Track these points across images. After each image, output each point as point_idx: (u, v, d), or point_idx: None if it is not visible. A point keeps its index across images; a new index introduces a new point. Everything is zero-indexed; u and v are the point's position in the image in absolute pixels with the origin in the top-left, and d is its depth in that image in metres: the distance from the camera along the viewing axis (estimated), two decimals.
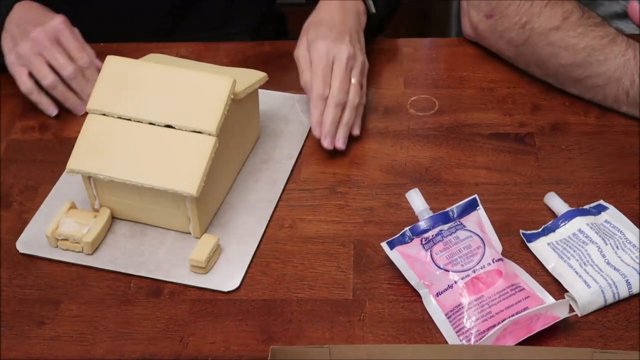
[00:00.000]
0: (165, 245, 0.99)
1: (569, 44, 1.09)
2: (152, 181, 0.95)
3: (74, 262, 0.98)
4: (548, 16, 1.10)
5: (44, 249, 0.99)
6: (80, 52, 1.13)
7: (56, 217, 0.99)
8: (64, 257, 0.98)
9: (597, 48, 1.08)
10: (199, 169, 0.95)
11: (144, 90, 0.98)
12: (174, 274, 0.96)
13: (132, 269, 0.97)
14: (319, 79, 1.07)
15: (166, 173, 0.95)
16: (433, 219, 0.96)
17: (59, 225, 0.98)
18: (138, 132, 0.97)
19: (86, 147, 0.98)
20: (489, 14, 1.14)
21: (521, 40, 1.13)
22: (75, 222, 0.98)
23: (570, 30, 1.09)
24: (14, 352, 0.90)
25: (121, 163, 0.96)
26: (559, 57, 1.10)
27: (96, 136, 0.98)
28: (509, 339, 0.86)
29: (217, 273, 0.96)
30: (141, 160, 0.96)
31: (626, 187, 1.03)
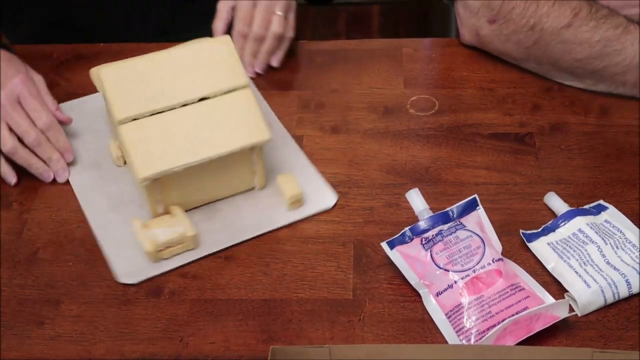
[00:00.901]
0: (243, 208, 1.03)
1: (583, 38, 1.10)
2: (226, 148, 0.97)
3: (185, 263, 0.97)
4: (557, 15, 1.10)
5: (150, 268, 0.97)
6: (39, 112, 1.05)
7: (141, 236, 0.97)
8: (173, 264, 0.97)
9: (613, 38, 1.09)
10: (258, 117, 0.99)
11: (157, 80, 0.99)
12: (278, 219, 1.01)
13: (242, 235, 0.99)
14: (239, 17, 1.15)
15: (233, 135, 0.98)
16: (433, 219, 0.96)
17: (152, 240, 0.96)
18: (178, 117, 0.98)
19: (141, 153, 0.97)
20: (491, 19, 1.14)
21: (530, 41, 1.13)
22: (164, 229, 0.97)
23: (582, 26, 1.10)
24: (14, 352, 0.90)
25: (185, 149, 0.97)
26: (573, 52, 1.11)
27: (143, 141, 0.97)
28: (509, 339, 0.86)
29: (311, 200, 1.02)
30: (200, 138, 0.97)
31: (626, 187, 1.03)
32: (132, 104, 0.98)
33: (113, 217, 1.02)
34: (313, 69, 1.21)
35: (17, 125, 1.04)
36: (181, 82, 0.99)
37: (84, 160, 1.09)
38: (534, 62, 1.16)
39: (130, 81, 0.99)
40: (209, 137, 0.98)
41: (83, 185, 1.06)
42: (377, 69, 1.21)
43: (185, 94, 0.99)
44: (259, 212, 1.02)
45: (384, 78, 1.20)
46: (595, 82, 1.14)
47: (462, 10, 1.18)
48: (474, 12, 1.16)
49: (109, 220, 1.02)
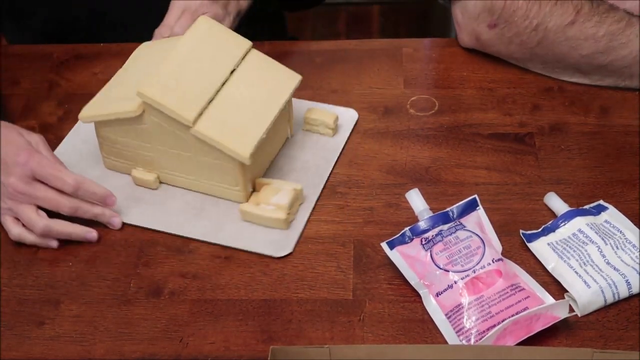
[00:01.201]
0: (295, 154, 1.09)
1: (588, 34, 1.10)
2: (281, 100, 1.02)
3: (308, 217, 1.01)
4: (560, 13, 1.11)
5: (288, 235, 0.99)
6: (60, 179, 0.98)
7: (265, 213, 0.99)
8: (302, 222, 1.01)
9: (617, 32, 1.10)
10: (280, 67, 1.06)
11: (189, 76, 1.00)
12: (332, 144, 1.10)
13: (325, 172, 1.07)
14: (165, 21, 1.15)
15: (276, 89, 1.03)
16: (433, 219, 0.96)
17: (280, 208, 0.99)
18: (227, 95, 1.01)
19: (229, 138, 0.97)
20: (492, 24, 1.14)
21: (534, 42, 1.13)
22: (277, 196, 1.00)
23: (586, 22, 1.10)
24: (14, 352, 0.90)
25: (254, 117, 1.00)
26: (579, 49, 1.11)
27: (220, 128, 0.98)
28: (509, 339, 0.86)
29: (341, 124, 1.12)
30: (256, 103, 1.01)
31: (626, 187, 1.03)
32: (190, 103, 0.98)
33: (205, 222, 1.01)
34: (313, 69, 1.21)
35: (46, 201, 0.99)
36: (208, 67, 1.01)
37: (123, 203, 1.03)
38: (539, 62, 1.16)
39: (172, 87, 0.98)
40: (262, 98, 1.02)
41: (149, 220, 1.02)
42: (377, 69, 1.21)
43: (219, 75, 1.01)
44: (312, 151, 1.09)
45: (384, 78, 1.20)
46: (601, 76, 1.14)
47: (460, 15, 1.18)
48: (474, 17, 1.16)
49: (206, 226, 1.01)
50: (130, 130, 1.02)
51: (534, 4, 1.11)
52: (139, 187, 1.06)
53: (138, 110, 0.99)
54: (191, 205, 1.03)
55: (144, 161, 1.04)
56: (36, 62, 1.24)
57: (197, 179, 1.03)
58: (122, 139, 1.03)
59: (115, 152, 1.05)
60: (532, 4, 1.11)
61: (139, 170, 1.05)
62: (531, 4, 1.11)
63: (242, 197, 1.02)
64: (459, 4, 1.17)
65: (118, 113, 1.00)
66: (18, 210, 0.99)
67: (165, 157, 1.03)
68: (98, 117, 1.02)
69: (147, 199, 1.05)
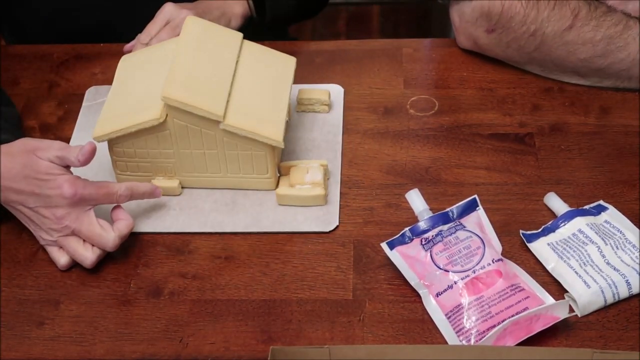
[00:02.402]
0: (304, 134, 1.11)
1: (586, 38, 1.10)
2: (289, 80, 1.05)
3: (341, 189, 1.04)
4: (558, 18, 1.10)
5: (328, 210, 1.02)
6: (115, 196, 0.97)
7: (303, 193, 1.01)
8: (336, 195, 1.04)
9: (615, 35, 1.10)
10: (274, 52, 1.09)
11: (202, 72, 1.00)
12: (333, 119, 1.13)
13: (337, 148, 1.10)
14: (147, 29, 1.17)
15: (282, 73, 1.06)
16: (433, 219, 0.96)
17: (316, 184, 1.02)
18: (240, 84, 1.02)
19: (260, 126, 0.99)
20: (490, 29, 1.14)
21: (532, 47, 1.13)
22: (309, 174, 1.02)
23: (584, 26, 1.10)
24: (14, 353, 0.90)
25: (272, 102, 1.02)
26: (577, 53, 1.11)
27: (247, 117, 0.99)
28: (509, 340, 0.86)
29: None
30: (270, 87, 1.03)
31: (626, 187, 1.03)
32: (214, 99, 0.98)
33: (242, 216, 1.02)
34: (313, 69, 1.21)
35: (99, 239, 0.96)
36: (215, 63, 1.02)
37: (151, 214, 1.03)
38: (537, 65, 1.16)
39: (192, 87, 0.98)
40: (271, 84, 1.04)
41: (187, 225, 1.02)
42: (377, 69, 1.21)
43: (227, 68, 1.02)
44: (315, 129, 1.11)
45: (384, 78, 1.20)
46: (600, 79, 1.14)
47: (457, 19, 1.18)
48: (471, 22, 1.16)
49: (246, 219, 1.02)
50: (150, 140, 1.01)
51: (532, 9, 1.11)
52: (162, 197, 1.04)
53: (162, 117, 0.98)
54: (221, 202, 1.04)
55: (165, 169, 1.04)
56: (36, 62, 1.24)
57: (225, 175, 1.03)
58: (140, 151, 1.02)
59: (132, 167, 1.04)
60: (530, 9, 1.11)
61: (160, 179, 1.04)
62: (529, 10, 1.11)
63: (272, 183, 1.04)
64: (456, 8, 1.17)
65: (139, 124, 0.98)
66: (64, 243, 0.96)
67: (188, 160, 1.02)
68: (116, 133, 0.99)
69: (174, 206, 1.04)
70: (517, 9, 1.11)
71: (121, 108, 1.01)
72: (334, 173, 1.06)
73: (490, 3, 1.12)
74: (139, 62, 1.08)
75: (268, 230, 1.00)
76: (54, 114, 1.16)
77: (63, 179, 0.94)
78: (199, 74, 1.00)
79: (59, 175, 0.94)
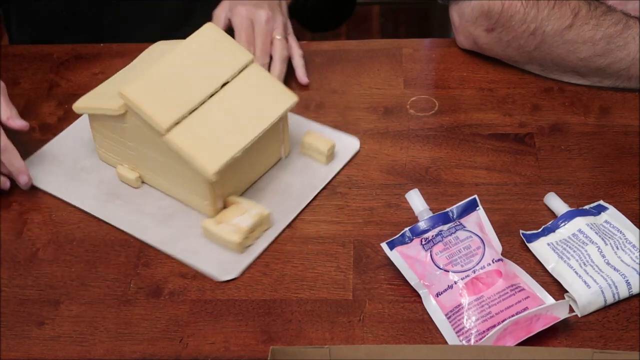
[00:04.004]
0: (283, 176, 1.06)
1: (586, 37, 1.10)
2: (267, 121, 1.00)
3: (270, 243, 0.99)
4: (558, 17, 1.10)
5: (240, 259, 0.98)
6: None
7: (221, 232, 0.97)
8: (260, 247, 0.98)
9: (615, 35, 1.10)
10: (278, 85, 1.03)
11: (177, 82, 0.99)
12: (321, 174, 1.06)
13: (304, 200, 1.03)
14: (242, 40, 1.14)
15: (267, 108, 1.00)
16: (433, 219, 0.96)
17: (237, 229, 0.97)
18: (212, 108, 0.99)
19: (200, 152, 0.96)
20: (489, 28, 1.14)
21: (532, 46, 1.13)
22: (241, 217, 0.98)
23: (583, 25, 1.10)
24: (14, 353, 0.90)
25: (234, 135, 0.98)
26: (577, 52, 1.11)
27: (194, 140, 0.97)
28: (508, 340, 0.86)
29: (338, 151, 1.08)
30: (241, 120, 0.99)
31: (626, 187, 1.03)
32: (169, 110, 0.97)
33: (168, 230, 1.01)
34: (313, 69, 1.21)
35: None
36: (199, 76, 1.00)
37: (102, 197, 1.05)
38: (537, 65, 1.16)
39: (155, 92, 0.98)
40: (249, 116, 1.00)
41: (118, 218, 1.03)
42: (377, 69, 1.21)
43: (208, 85, 1.00)
44: (300, 176, 1.06)
45: (384, 78, 1.20)
46: (600, 79, 1.14)
47: (457, 18, 1.18)
48: (471, 21, 1.16)
49: (167, 234, 1.00)
50: (116, 128, 1.02)
51: (532, 8, 1.11)
52: (123, 184, 1.06)
53: (121, 109, 0.99)
54: (163, 210, 1.03)
55: (129, 159, 1.05)
56: (36, 62, 1.24)
57: (172, 186, 1.03)
58: (110, 134, 1.04)
59: (105, 146, 1.06)
60: (530, 8, 1.11)
61: (124, 167, 1.06)
62: (529, 9, 1.11)
63: (211, 211, 1.00)
64: (455, 8, 1.17)
65: (103, 109, 1.01)
66: None
67: (145, 158, 1.03)
68: (88, 109, 1.04)
69: (125, 197, 1.05)
70: (517, 8, 1.11)
71: (111, 90, 1.03)
72: (277, 226, 1.00)
73: (490, 2, 1.12)
74: (160, 52, 1.09)
75: (175, 255, 0.98)
76: (54, 114, 1.16)
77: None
78: (172, 81, 0.99)
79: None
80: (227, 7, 1.18)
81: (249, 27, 1.15)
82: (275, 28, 1.16)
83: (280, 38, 1.16)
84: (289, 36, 1.18)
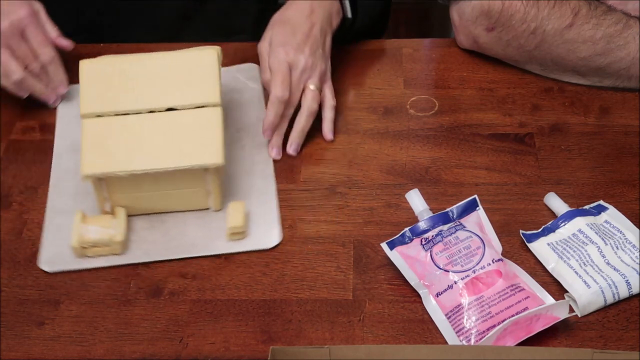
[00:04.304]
0: (189, 225, 1.01)
1: (586, 37, 1.10)
2: (173, 163, 0.96)
3: (108, 266, 0.97)
4: (558, 16, 1.10)
5: (72, 261, 0.98)
6: (44, 47, 1.11)
7: (75, 228, 0.97)
8: (95, 264, 0.97)
9: (615, 34, 1.10)
10: (217, 139, 0.97)
11: (131, 82, 0.99)
12: (213, 246, 0.98)
13: (170, 253, 0.98)
14: (277, 83, 1.06)
15: (185, 152, 0.96)
16: (433, 219, 0.96)
17: (82, 234, 0.97)
18: (140, 122, 0.98)
19: (93, 150, 0.97)
20: (489, 27, 1.14)
21: (532, 45, 1.13)
22: (98, 228, 0.97)
23: (584, 25, 1.10)
24: (14, 353, 0.90)
25: (135, 155, 0.96)
26: (577, 51, 1.11)
27: (99, 138, 0.97)
28: (509, 340, 0.86)
29: (255, 235, 0.99)
30: (154, 148, 0.97)
31: (626, 187, 1.03)
32: (101, 101, 0.98)
33: (72, 204, 1.02)
34: None
35: (20, 54, 1.09)
36: (154, 89, 0.99)
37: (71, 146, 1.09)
38: (537, 64, 1.16)
39: (106, 78, 0.99)
40: (163, 149, 0.97)
41: (61, 168, 1.06)
42: (377, 69, 1.21)
43: (154, 101, 0.98)
44: (202, 234, 1.00)
45: (384, 78, 1.20)
46: (600, 78, 1.14)
47: (457, 18, 1.18)
48: (471, 21, 1.16)
49: (66, 206, 1.02)
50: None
51: (532, 7, 1.11)
52: None
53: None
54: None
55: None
56: None
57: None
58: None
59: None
60: (530, 7, 1.11)
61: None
62: (529, 8, 1.11)
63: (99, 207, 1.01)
64: (455, 7, 1.17)
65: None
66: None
67: None
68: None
69: None
70: (517, 7, 1.11)
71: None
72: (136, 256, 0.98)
73: (490, 2, 1.12)
74: None
75: None
76: (53, 114, 1.16)
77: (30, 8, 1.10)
78: (126, 79, 0.99)
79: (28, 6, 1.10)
80: (268, 41, 1.11)
81: (287, 70, 1.07)
82: (311, 77, 1.08)
83: (313, 89, 1.08)
84: (325, 85, 1.11)
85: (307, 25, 1.10)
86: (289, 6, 1.13)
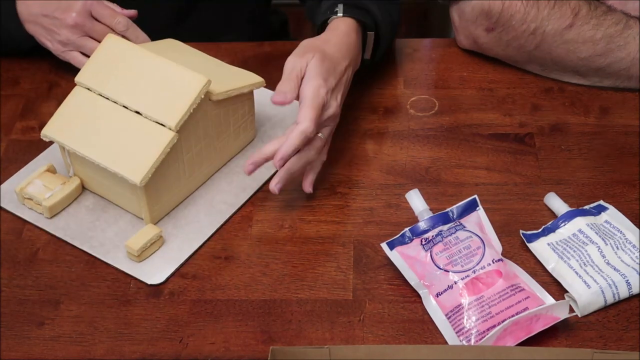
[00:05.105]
0: (118, 225, 1.02)
1: (586, 37, 1.10)
2: (107, 162, 0.97)
3: (30, 222, 1.02)
4: (558, 17, 1.10)
5: (12, 203, 1.04)
6: (115, 17, 1.15)
7: (30, 176, 1.03)
8: (24, 215, 1.02)
9: (615, 35, 1.10)
10: (149, 160, 0.95)
11: (129, 74, 1.00)
12: (111, 255, 0.99)
13: (78, 241, 1.00)
14: (311, 117, 0.97)
15: (121, 157, 0.97)
16: (433, 219, 0.96)
17: (28, 184, 1.02)
18: (111, 112, 0.99)
19: (64, 117, 1.01)
20: (490, 27, 1.14)
21: (532, 45, 1.13)
22: (43, 185, 1.02)
23: (584, 25, 1.10)
24: (14, 353, 0.90)
25: (88, 139, 0.99)
26: (577, 52, 1.11)
27: (75, 108, 1.01)
28: (509, 340, 0.86)
29: (150, 264, 0.98)
30: (105, 140, 0.98)
31: (626, 187, 1.03)
32: (97, 77, 1.00)
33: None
34: None
35: (103, 34, 1.11)
36: (138, 88, 0.99)
37: None
38: (537, 64, 1.16)
39: (115, 59, 1.01)
40: (110, 145, 0.97)
41: None
42: (377, 68, 1.21)
43: (130, 100, 0.98)
44: (118, 238, 1.00)
45: (384, 78, 1.20)
46: (600, 78, 1.14)
47: (457, 18, 1.18)
48: (471, 21, 1.16)
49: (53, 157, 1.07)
50: None
51: (532, 8, 1.11)
52: None
53: None
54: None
55: None
56: (36, 62, 1.24)
57: None
58: None
59: None
60: (530, 8, 1.11)
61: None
62: (529, 8, 1.11)
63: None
64: (456, 7, 1.17)
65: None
66: (81, 43, 1.15)
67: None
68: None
69: None
70: (517, 8, 1.11)
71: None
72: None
73: (490, 2, 1.12)
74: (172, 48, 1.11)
75: None
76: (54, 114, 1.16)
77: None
78: (118, 64, 1.01)
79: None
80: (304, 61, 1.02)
81: (321, 110, 0.99)
82: (328, 126, 1.02)
83: (321, 136, 1.01)
84: (329, 138, 1.04)
85: (342, 66, 1.04)
86: (330, 38, 1.06)
